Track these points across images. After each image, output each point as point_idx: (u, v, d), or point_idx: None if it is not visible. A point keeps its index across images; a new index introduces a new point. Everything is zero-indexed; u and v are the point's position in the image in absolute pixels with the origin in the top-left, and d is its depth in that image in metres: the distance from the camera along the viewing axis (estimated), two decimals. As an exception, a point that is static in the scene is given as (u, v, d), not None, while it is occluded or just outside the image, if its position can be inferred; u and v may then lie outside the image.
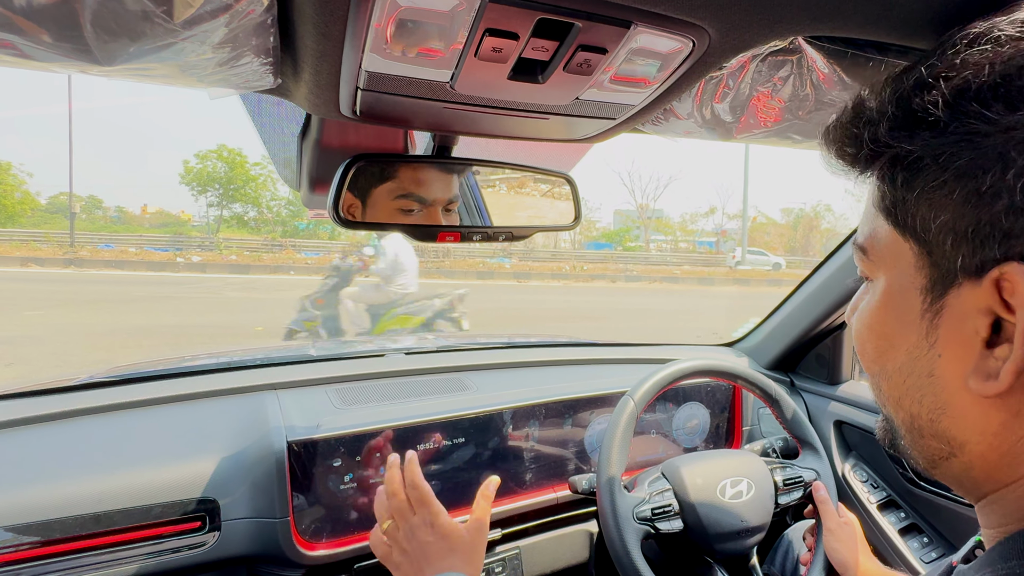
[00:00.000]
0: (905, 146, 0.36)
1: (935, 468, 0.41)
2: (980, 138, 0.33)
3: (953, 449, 0.38)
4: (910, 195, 0.36)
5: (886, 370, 0.41)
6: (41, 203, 33.37)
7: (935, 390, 0.38)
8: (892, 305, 0.40)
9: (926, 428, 0.39)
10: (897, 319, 0.39)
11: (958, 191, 0.34)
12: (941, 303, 0.36)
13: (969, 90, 0.33)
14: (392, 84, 0.49)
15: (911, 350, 0.38)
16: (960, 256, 0.34)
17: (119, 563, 0.88)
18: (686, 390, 1.45)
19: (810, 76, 0.55)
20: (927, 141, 0.35)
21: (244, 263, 19.66)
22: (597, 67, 0.47)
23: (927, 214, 0.35)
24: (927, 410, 0.39)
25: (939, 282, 0.36)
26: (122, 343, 7.16)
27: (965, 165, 0.33)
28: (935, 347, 0.37)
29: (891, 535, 1.29)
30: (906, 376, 0.39)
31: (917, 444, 0.41)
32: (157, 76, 0.41)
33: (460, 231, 0.74)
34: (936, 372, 0.37)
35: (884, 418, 0.45)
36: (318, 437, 1.01)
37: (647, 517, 0.99)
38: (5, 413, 0.99)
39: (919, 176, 0.35)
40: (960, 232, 0.34)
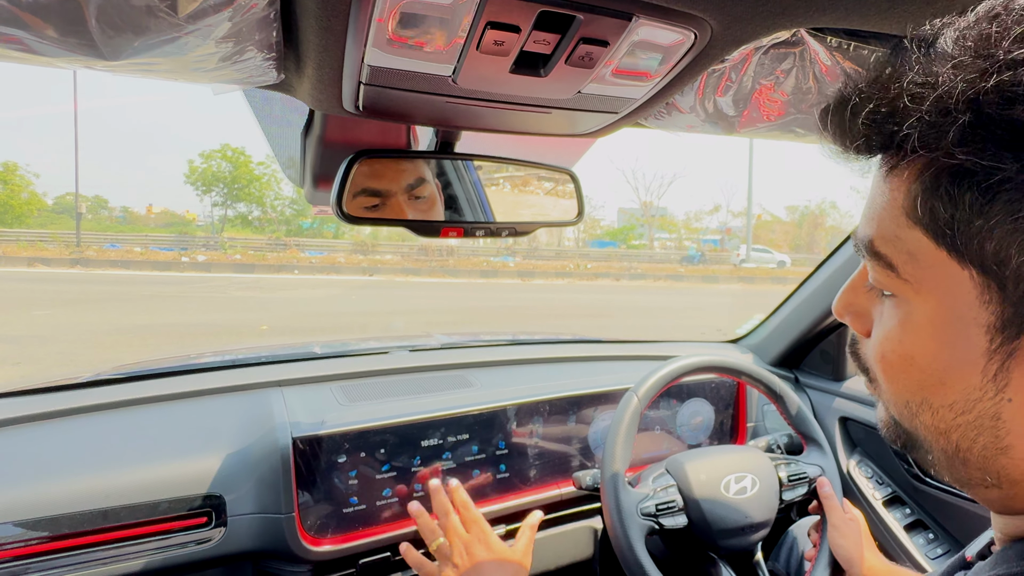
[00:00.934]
0: (982, 161, 0.29)
1: (965, 488, 0.38)
2: None
3: (1000, 483, 0.35)
4: (981, 220, 0.30)
5: (930, 403, 0.36)
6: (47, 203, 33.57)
7: (999, 433, 0.34)
8: (944, 340, 0.34)
9: (974, 462, 0.35)
10: (952, 355, 0.34)
11: None
12: (1015, 345, 0.31)
13: None
14: (394, 78, 0.49)
15: (970, 391, 0.34)
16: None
17: (126, 558, 0.89)
18: (690, 386, 1.44)
19: (813, 69, 0.55)
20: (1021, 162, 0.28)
21: (248, 262, 19.73)
22: (599, 60, 0.47)
23: (1006, 246, 0.30)
24: (981, 447, 0.35)
25: (1013, 321, 0.31)
26: (128, 342, 7.20)
27: None
28: (1005, 391, 0.32)
29: (896, 531, 1.29)
30: (959, 413, 0.35)
31: (953, 468, 0.37)
32: (162, 71, 0.42)
33: (463, 226, 0.75)
34: (1004, 415, 0.33)
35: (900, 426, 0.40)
36: (323, 433, 1.02)
37: (651, 513, 0.99)
38: (13, 410, 1.00)
39: (999, 200, 0.29)
40: None
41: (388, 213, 0.73)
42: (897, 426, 0.40)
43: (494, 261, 24.33)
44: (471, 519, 0.93)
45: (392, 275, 19.67)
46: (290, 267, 19.50)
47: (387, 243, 28.53)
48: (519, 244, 29.60)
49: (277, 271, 18.86)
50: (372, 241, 28.14)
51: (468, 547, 0.88)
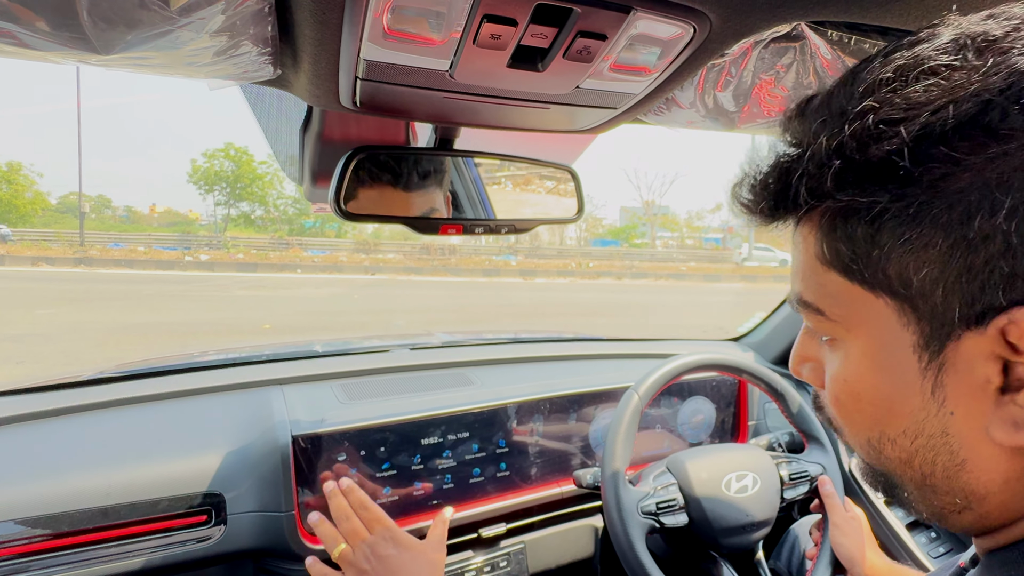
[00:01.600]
0: (860, 198, 0.33)
1: (943, 520, 0.39)
2: (952, 182, 0.30)
3: (970, 503, 0.36)
4: (877, 250, 0.33)
5: (887, 435, 0.38)
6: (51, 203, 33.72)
7: (951, 448, 0.35)
8: (881, 369, 0.36)
9: (940, 486, 0.36)
10: (891, 383, 0.36)
11: (941, 240, 0.31)
12: (941, 358, 0.33)
13: (932, 134, 0.30)
14: (391, 73, 0.49)
15: (915, 412, 0.35)
16: (955, 307, 0.32)
17: (127, 556, 0.89)
18: (691, 385, 1.44)
19: (814, 63, 0.55)
20: (891, 192, 0.32)
21: (251, 261, 19.78)
22: (597, 54, 0.46)
23: (904, 268, 0.33)
24: (941, 468, 0.36)
25: (933, 336, 0.33)
26: (131, 341, 7.22)
27: (943, 213, 0.31)
28: (945, 405, 0.34)
29: (898, 530, 1.28)
30: (913, 438, 0.36)
31: (927, 500, 0.38)
32: (156, 66, 0.41)
33: (463, 224, 0.74)
34: (951, 430, 0.34)
35: (875, 471, 0.41)
36: (323, 431, 1.02)
37: (652, 511, 0.99)
38: (14, 408, 1.00)
39: (885, 229, 0.33)
40: (950, 282, 0.31)
41: (387, 210, 0.73)
42: (872, 471, 0.42)
43: (496, 260, 24.34)
44: (372, 519, 0.87)
45: (394, 274, 19.69)
46: (293, 266, 19.53)
47: (389, 242, 28.56)
48: (521, 243, 29.63)
49: (280, 270, 18.90)
50: (374, 240, 28.18)
51: (374, 548, 0.83)
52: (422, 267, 21.14)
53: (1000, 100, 0.29)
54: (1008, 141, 0.29)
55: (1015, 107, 0.29)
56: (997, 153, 0.29)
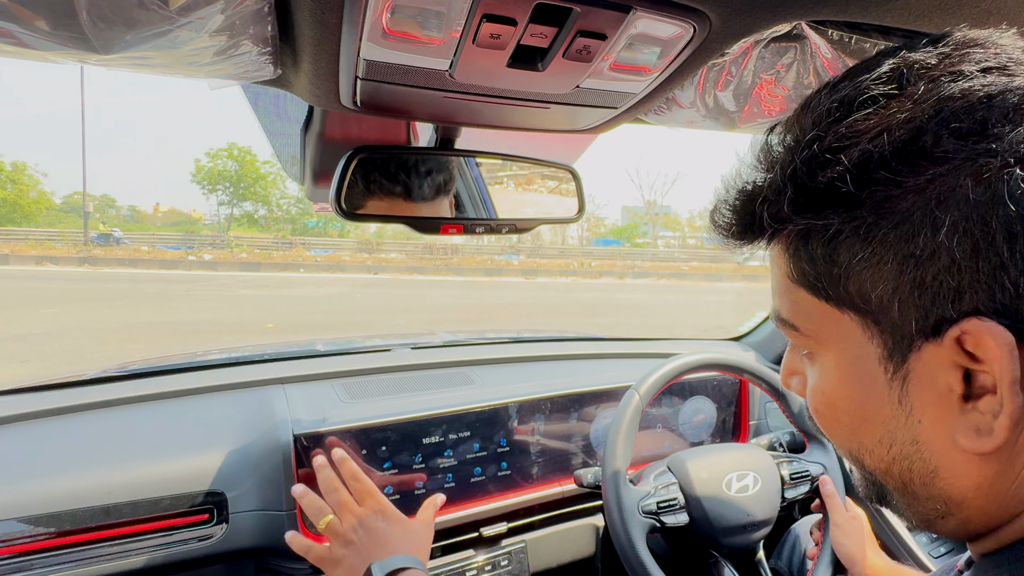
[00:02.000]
0: (816, 221, 0.35)
1: (930, 526, 0.40)
2: (896, 202, 0.32)
3: (950, 508, 0.37)
4: (836, 268, 0.35)
5: (865, 445, 0.39)
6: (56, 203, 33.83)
7: (923, 456, 0.36)
8: (852, 380, 0.38)
9: (920, 492, 0.38)
10: (862, 393, 0.38)
11: (891, 259, 0.33)
12: (904, 368, 0.35)
13: (872, 159, 0.32)
14: (391, 73, 0.49)
15: (887, 422, 0.37)
16: (912, 320, 0.33)
17: (129, 555, 0.89)
18: (692, 384, 1.44)
19: (814, 63, 0.55)
20: (841, 215, 0.34)
21: (255, 261, 19.81)
22: (597, 53, 0.46)
23: (862, 284, 0.34)
24: (918, 475, 0.37)
25: (896, 348, 0.35)
26: (135, 340, 7.24)
27: (890, 232, 0.32)
28: (912, 414, 0.35)
29: (899, 530, 1.28)
30: (888, 447, 0.38)
31: (912, 507, 0.40)
32: (156, 66, 0.41)
33: (463, 223, 0.74)
34: (920, 438, 0.36)
35: (867, 480, 0.42)
36: (324, 430, 1.02)
37: (652, 511, 0.99)
38: (17, 407, 1.01)
39: (841, 248, 0.34)
40: (904, 296, 0.33)
41: (388, 210, 0.73)
42: (866, 483, 0.43)
43: (498, 259, 24.33)
44: (364, 491, 0.85)
45: (397, 273, 19.70)
46: (295, 265, 19.56)
47: (392, 242, 28.59)
48: (523, 242, 29.63)
49: (283, 269, 18.93)
50: (377, 240, 28.21)
51: (363, 520, 0.81)
52: (424, 267, 21.15)
53: (931, 126, 0.31)
54: (942, 163, 0.31)
55: (945, 132, 0.31)
56: (934, 175, 0.31)
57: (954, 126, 0.31)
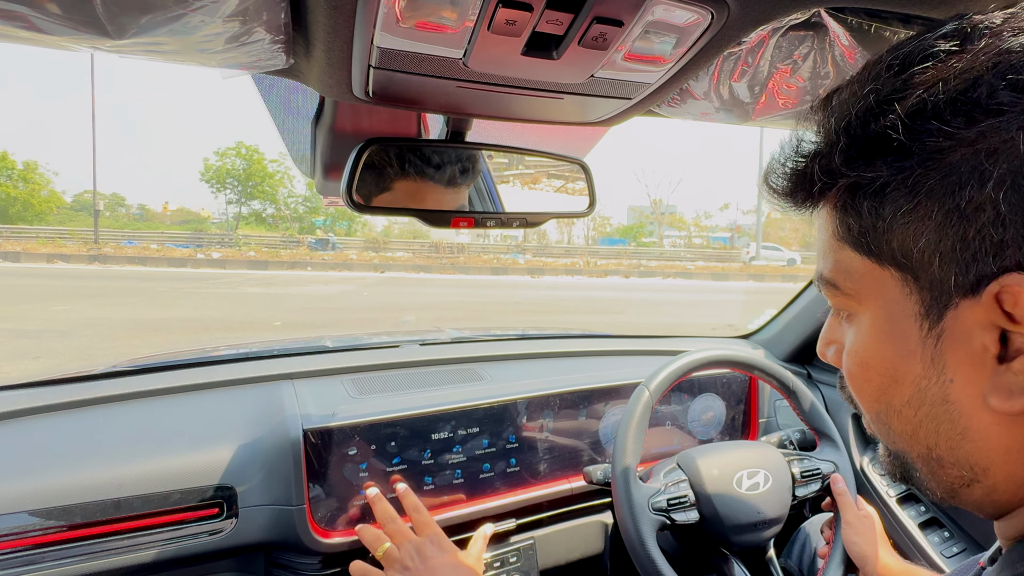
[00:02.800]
0: (865, 173, 0.35)
1: (955, 497, 0.39)
2: (946, 155, 0.32)
3: (976, 475, 0.37)
4: (881, 222, 0.36)
5: (893, 406, 0.39)
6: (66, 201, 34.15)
7: (952, 416, 0.36)
8: (886, 338, 0.38)
9: (946, 457, 0.37)
10: (896, 351, 0.38)
11: (936, 211, 0.33)
12: (940, 326, 0.35)
13: (926, 109, 0.32)
14: (405, 61, 0.48)
15: (918, 380, 0.37)
16: (952, 276, 0.33)
17: (139, 548, 0.89)
18: (701, 381, 1.43)
19: (832, 51, 0.54)
20: (891, 166, 0.34)
21: (262, 259, 19.90)
22: (613, 41, 0.46)
23: (905, 239, 0.35)
24: (945, 438, 0.37)
25: (933, 305, 0.35)
26: (144, 337, 7.29)
27: (937, 184, 0.32)
28: (944, 372, 0.35)
29: (911, 529, 1.27)
30: (917, 408, 0.38)
31: (936, 475, 0.39)
32: (168, 52, 0.41)
33: (474, 216, 0.74)
34: (951, 398, 0.36)
35: (891, 454, 0.43)
36: (334, 425, 1.02)
37: (662, 508, 0.98)
38: (29, 401, 1.01)
39: (887, 202, 0.35)
40: (946, 252, 0.33)
41: (398, 203, 0.72)
42: (890, 455, 0.43)
43: (504, 258, 24.34)
44: (423, 522, 0.92)
45: (404, 271, 19.74)
46: (303, 264, 19.63)
47: (398, 240, 28.67)
48: (529, 241, 29.63)
49: (290, 268, 19.00)
50: (384, 239, 28.28)
51: (420, 549, 0.87)
52: (431, 265, 21.18)
53: (988, 77, 0.31)
54: (996, 115, 0.31)
55: (1001, 83, 0.31)
56: (987, 127, 0.31)
57: (1011, 78, 0.31)
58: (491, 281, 14.37)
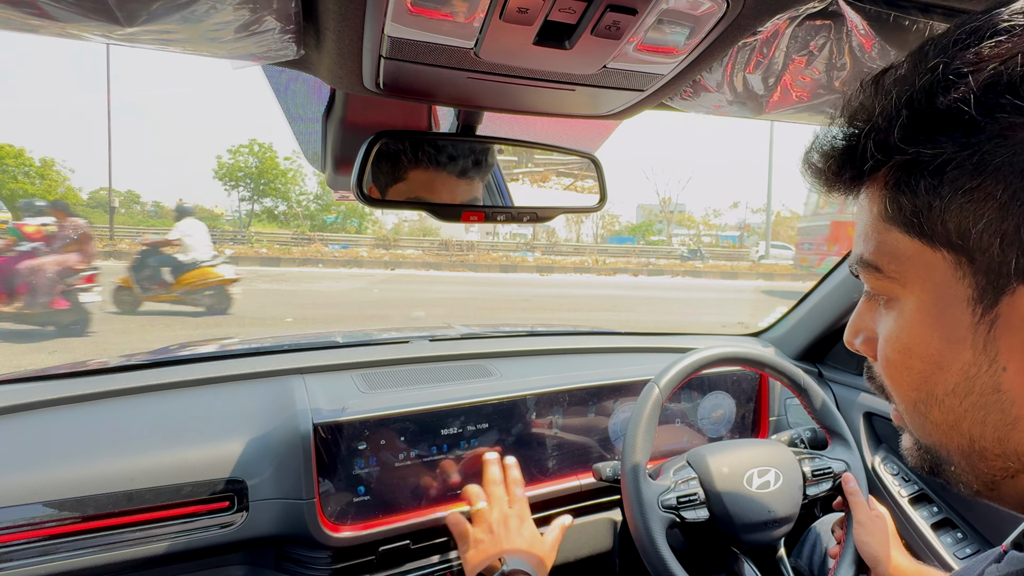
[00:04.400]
0: (925, 149, 0.34)
1: (995, 489, 0.38)
2: (1017, 131, 0.31)
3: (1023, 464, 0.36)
4: (938, 201, 0.34)
5: (935, 395, 0.38)
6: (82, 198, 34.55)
7: (1003, 406, 0.34)
8: (933, 323, 0.37)
9: (991, 448, 0.36)
10: (942, 338, 0.36)
11: (1001, 191, 0.31)
12: (995, 312, 0.33)
13: (1000, 83, 0.31)
14: (415, 51, 0.48)
15: (967, 368, 0.35)
16: (1013, 259, 0.32)
17: (151, 540, 0.90)
18: (711, 379, 1.42)
19: (849, 41, 0.53)
20: (957, 142, 0.32)
21: (274, 256, 20.01)
22: (626, 30, 0.45)
23: (963, 219, 0.33)
24: (992, 428, 0.35)
25: (988, 290, 0.33)
26: (157, 332, 7.37)
27: (1004, 162, 0.31)
28: (997, 360, 0.34)
29: (923, 530, 1.25)
30: (963, 397, 0.36)
31: (976, 467, 0.38)
32: (178, 41, 0.41)
33: (484, 211, 0.73)
34: (1003, 387, 0.34)
35: (921, 447, 0.41)
36: (343, 420, 1.02)
37: (672, 505, 0.97)
38: (43, 393, 1.03)
39: (947, 180, 0.33)
40: (1009, 233, 0.32)
41: (408, 196, 0.72)
42: (919, 448, 0.42)
43: (513, 256, 24.31)
44: (517, 497, 0.99)
45: (414, 269, 19.79)
46: (314, 261, 19.72)
47: (408, 238, 28.75)
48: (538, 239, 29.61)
49: (301, 265, 19.11)
50: (394, 236, 28.37)
51: (506, 520, 0.94)
52: (440, 263, 21.21)
53: None
54: None
55: None
56: None
57: None
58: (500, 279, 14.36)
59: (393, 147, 0.68)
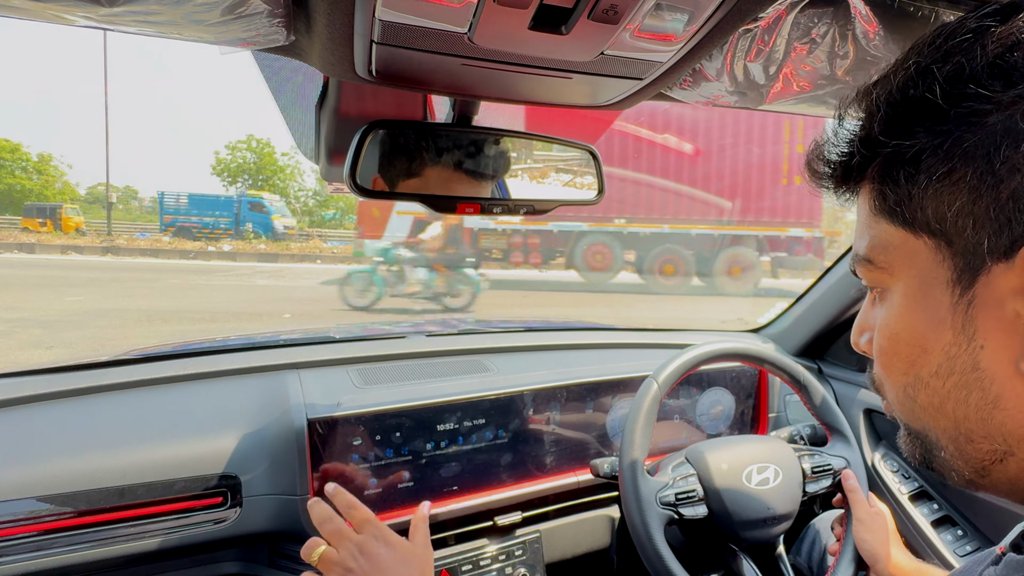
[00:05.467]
0: (904, 141, 0.36)
1: (986, 476, 0.38)
2: (982, 117, 0.33)
3: (1010, 446, 0.36)
4: (916, 189, 0.36)
5: (921, 378, 0.39)
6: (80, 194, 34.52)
7: (983, 384, 0.35)
8: (917, 307, 0.38)
9: (976, 430, 0.37)
10: (926, 320, 0.38)
11: (971, 174, 0.33)
12: (972, 292, 0.35)
13: (964, 73, 0.33)
14: (408, 36, 0.47)
15: (948, 348, 0.37)
16: (985, 239, 0.33)
17: (144, 536, 0.89)
18: (710, 375, 1.41)
19: (852, 28, 0.51)
20: (928, 130, 0.35)
21: (272, 252, 20.00)
22: (624, 14, 0.44)
23: (939, 204, 0.35)
24: (975, 408, 0.36)
25: (966, 270, 0.35)
26: (155, 328, 7.36)
27: (972, 147, 0.33)
28: (975, 339, 0.35)
29: (923, 527, 1.25)
30: (946, 377, 0.37)
31: (964, 452, 0.38)
32: (161, 23, 0.40)
33: (480, 203, 0.72)
34: (982, 364, 0.35)
35: (913, 434, 0.42)
36: (338, 415, 1.01)
37: (670, 502, 0.97)
38: (35, 387, 1.02)
39: (922, 168, 0.35)
40: (980, 215, 0.33)
41: (402, 187, 0.71)
42: (910, 435, 0.43)
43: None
44: (362, 519, 0.82)
45: (412, 265, 19.75)
46: (312, 257, 19.71)
47: (407, 234, 28.67)
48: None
49: (300, 261, 19.09)
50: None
51: (362, 547, 0.78)
52: (439, 259, 21.18)
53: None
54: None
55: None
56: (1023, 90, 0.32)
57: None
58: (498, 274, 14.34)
59: (386, 139, 0.67)
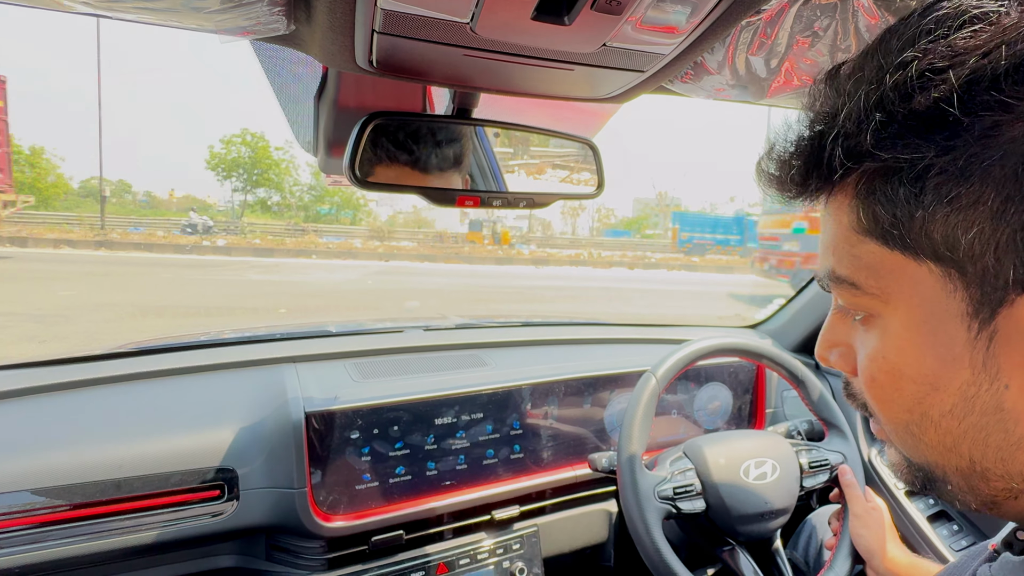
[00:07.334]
0: (902, 155, 0.31)
1: (994, 508, 0.36)
2: (1005, 131, 0.28)
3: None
4: (921, 211, 0.31)
5: (930, 416, 0.35)
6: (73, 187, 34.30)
7: (1006, 426, 0.32)
8: (925, 342, 0.34)
9: (993, 469, 0.34)
10: (937, 357, 0.34)
11: (993, 197, 0.29)
12: (992, 326, 0.31)
13: (983, 78, 0.28)
14: (409, 26, 0.46)
15: (964, 388, 0.33)
16: (1010, 269, 0.29)
17: (140, 529, 0.89)
18: (708, 370, 1.41)
19: (855, 21, 0.51)
20: (938, 145, 0.30)
21: (267, 247, 19.93)
22: (627, 5, 0.43)
23: (951, 229, 0.30)
24: (995, 449, 0.33)
25: (984, 303, 0.31)
26: (149, 322, 7.33)
27: (994, 166, 0.28)
28: (999, 378, 0.32)
29: (919, 522, 1.25)
30: (962, 418, 0.34)
31: (976, 488, 0.36)
32: (161, 11, 0.39)
33: (479, 195, 0.72)
34: (1006, 406, 0.32)
35: (914, 466, 0.39)
36: (336, 409, 1.01)
37: (668, 496, 0.97)
38: (31, 380, 1.01)
39: (929, 188, 0.31)
40: (1003, 242, 0.29)
41: (403, 179, 0.71)
42: (909, 465, 0.39)
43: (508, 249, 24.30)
44: None
45: (408, 261, 19.75)
46: (308, 252, 19.65)
47: (403, 230, 28.71)
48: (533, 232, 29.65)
49: (295, 256, 19.03)
50: (388, 228, 28.31)
51: None
52: (435, 255, 21.18)
53: None
54: None
55: None
56: None
57: None
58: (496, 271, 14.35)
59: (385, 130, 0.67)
